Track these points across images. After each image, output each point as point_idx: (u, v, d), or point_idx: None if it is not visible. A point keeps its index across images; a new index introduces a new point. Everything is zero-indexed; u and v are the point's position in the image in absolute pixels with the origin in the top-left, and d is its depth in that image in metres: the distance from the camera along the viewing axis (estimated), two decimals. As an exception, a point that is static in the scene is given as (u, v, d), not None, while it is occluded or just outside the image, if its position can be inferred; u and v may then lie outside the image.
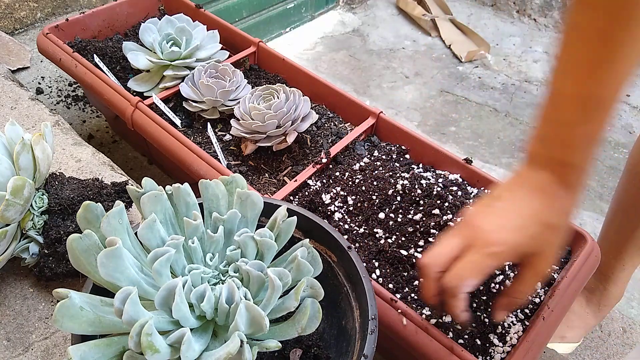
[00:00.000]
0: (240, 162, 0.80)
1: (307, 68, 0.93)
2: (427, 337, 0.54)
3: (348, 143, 0.80)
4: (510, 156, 1.52)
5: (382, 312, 0.56)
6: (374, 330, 0.44)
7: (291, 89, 0.80)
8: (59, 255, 0.57)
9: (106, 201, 0.61)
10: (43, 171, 0.57)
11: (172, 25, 0.92)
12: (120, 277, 0.38)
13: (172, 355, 0.37)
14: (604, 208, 1.38)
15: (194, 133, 0.84)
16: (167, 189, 0.46)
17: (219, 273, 0.43)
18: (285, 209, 0.47)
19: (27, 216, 0.56)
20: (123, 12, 1.05)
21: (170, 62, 0.88)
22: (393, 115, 1.67)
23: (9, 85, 0.90)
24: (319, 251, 0.49)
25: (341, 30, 2.06)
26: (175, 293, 0.37)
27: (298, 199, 0.72)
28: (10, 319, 0.57)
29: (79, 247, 0.41)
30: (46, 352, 0.55)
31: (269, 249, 0.43)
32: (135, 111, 0.80)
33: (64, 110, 1.15)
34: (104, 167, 0.76)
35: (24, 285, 0.61)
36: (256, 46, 0.97)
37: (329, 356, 0.50)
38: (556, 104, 0.45)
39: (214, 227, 0.45)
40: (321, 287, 0.44)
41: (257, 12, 1.80)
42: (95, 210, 0.43)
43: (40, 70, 1.16)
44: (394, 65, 1.89)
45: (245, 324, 0.38)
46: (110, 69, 0.93)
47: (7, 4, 1.18)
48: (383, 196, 0.70)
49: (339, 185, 0.73)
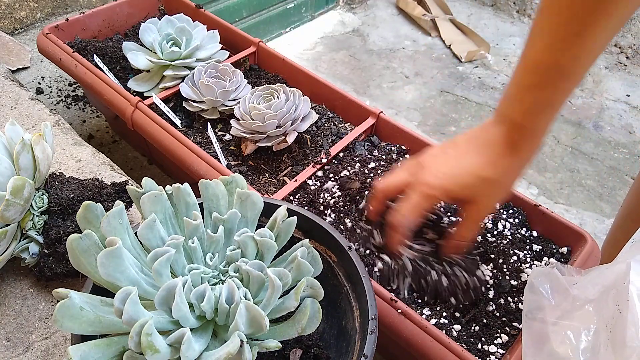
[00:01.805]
0: (240, 162, 0.80)
1: (307, 68, 0.93)
2: (427, 337, 0.54)
3: (348, 143, 0.80)
4: (510, 156, 1.52)
5: (382, 312, 0.56)
6: (374, 330, 0.44)
7: (291, 89, 0.80)
8: (59, 255, 0.57)
9: (106, 201, 0.61)
10: (43, 171, 0.57)
11: (172, 25, 0.92)
12: (120, 277, 0.38)
13: (172, 355, 0.37)
14: (604, 208, 1.38)
15: (194, 133, 0.84)
16: (167, 189, 0.46)
17: (219, 273, 0.43)
18: (285, 209, 0.47)
19: (27, 216, 0.56)
20: (123, 12, 1.05)
21: (170, 62, 0.88)
22: (393, 115, 1.67)
23: (9, 85, 0.90)
24: (319, 251, 0.49)
25: (341, 30, 2.06)
26: (175, 293, 0.37)
27: (298, 199, 0.72)
28: (10, 319, 0.57)
29: (79, 247, 0.40)
30: (46, 352, 0.55)
31: (269, 249, 0.43)
32: (135, 111, 0.80)
33: (64, 110, 1.15)
34: (104, 167, 0.76)
35: (24, 285, 0.60)
36: (256, 46, 0.97)
37: (329, 356, 0.50)
38: (524, 67, 0.47)
39: (214, 227, 0.45)
40: (321, 287, 0.44)
41: (257, 12, 1.80)
42: (95, 210, 0.43)
43: (40, 70, 1.16)
44: (394, 65, 1.89)
45: (245, 324, 0.38)
46: (110, 69, 0.93)
47: (7, 4, 1.18)
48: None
49: (337, 184, 0.73)
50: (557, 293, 0.44)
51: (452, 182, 0.51)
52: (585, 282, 0.43)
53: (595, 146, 1.58)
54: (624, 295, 0.39)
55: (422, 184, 0.52)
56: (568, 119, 1.67)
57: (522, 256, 0.66)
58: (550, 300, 0.44)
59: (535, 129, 0.48)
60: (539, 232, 0.70)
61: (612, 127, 1.66)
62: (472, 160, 0.50)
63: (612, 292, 0.41)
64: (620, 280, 0.40)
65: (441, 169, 0.52)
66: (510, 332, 0.59)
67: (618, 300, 0.40)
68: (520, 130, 0.48)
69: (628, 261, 0.40)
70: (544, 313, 0.44)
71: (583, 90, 1.79)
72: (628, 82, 1.84)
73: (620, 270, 0.41)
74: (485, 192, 0.51)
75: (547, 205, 1.18)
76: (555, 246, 0.69)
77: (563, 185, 1.45)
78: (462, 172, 0.50)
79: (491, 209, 0.53)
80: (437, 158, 0.53)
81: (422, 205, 0.52)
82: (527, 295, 0.46)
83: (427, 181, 0.52)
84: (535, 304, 0.45)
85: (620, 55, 1.94)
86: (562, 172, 1.48)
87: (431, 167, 0.52)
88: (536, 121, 0.48)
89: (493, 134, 0.50)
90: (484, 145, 0.50)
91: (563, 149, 1.56)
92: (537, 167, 1.49)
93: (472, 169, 0.50)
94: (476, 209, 0.53)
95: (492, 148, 0.50)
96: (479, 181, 0.50)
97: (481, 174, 0.50)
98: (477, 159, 0.50)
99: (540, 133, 0.49)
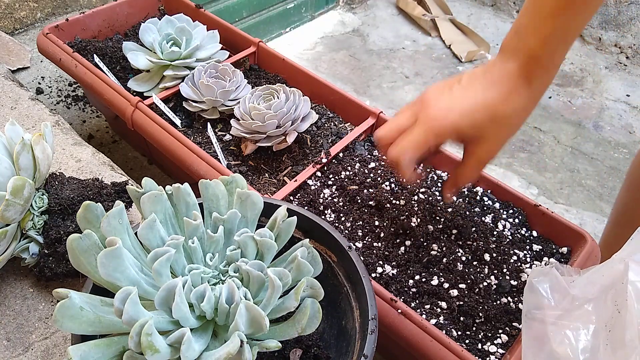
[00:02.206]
0: (240, 162, 0.80)
1: (307, 68, 0.93)
2: (427, 337, 0.54)
3: (348, 143, 0.80)
4: (510, 156, 1.52)
5: (382, 312, 0.56)
6: (374, 330, 0.44)
7: (291, 89, 0.80)
8: (59, 255, 0.57)
9: (106, 201, 0.61)
10: (43, 171, 0.57)
11: (172, 25, 0.92)
12: (120, 277, 0.38)
13: (172, 355, 0.37)
14: (604, 208, 1.38)
15: (194, 133, 0.84)
16: (167, 189, 0.46)
17: (219, 273, 0.43)
18: (285, 209, 0.47)
19: (27, 216, 0.56)
20: (123, 12, 1.05)
21: (170, 62, 0.88)
22: (393, 115, 1.67)
23: (9, 85, 0.90)
24: (319, 251, 0.49)
25: (341, 30, 2.06)
26: (175, 293, 0.37)
27: (298, 199, 0.72)
28: (10, 319, 0.57)
29: (79, 247, 0.41)
30: (46, 352, 0.55)
31: (269, 249, 0.43)
32: (135, 111, 0.80)
33: (64, 110, 1.15)
34: (104, 167, 0.76)
35: (24, 285, 0.61)
36: (256, 46, 0.97)
37: (329, 356, 0.50)
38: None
39: (214, 227, 0.45)
40: (321, 287, 0.44)
41: (257, 12, 1.80)
42: (95, 210, 0.43)
43: (40, 70, 1.16)
44: (394, 65, 1.89)
45: (245, 324, 0.38)
46: (110, 69, 0.93)
47: (7, 4, 1.18)
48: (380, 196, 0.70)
49: (337, 185, 0.73)
50: (557, 293, 0.44)
51: (461, 119, 0.47)
52: (584, 281, 0.43)
53: (595, 146, 1.58)
54: (622, 294, 0.39)
55: (429, 120, 0.48)
56: (568, 119, 1.67)
57: (522, 256, 0.66)
58: (550, 300, 0.44)
59: (551, 60, 0.46)
60: (539, 232, 0.70)
61: (612, 127, 1.65)
62: (483, 96, 0.47)
63: (611, 292, 0.41)
64: (618, 280, 0.40)
65: (448, 105, 0.48)
66: (510, 332, 0.59)
67: (617, 300, 0.40)
68: (536, 61, 0.46)
69: (626, 261, 0.41)
70: (543, 313, 0.44)
71: (583, 90, 1.79)
72: (628, 82, 1.84)
73: (618, 269, 0.41)
74: (496, 130, 0.48)
75: (547, 205, 1.18)
76: (555, 246, 0.69)
77: (563, 185, 1.45)
78: (472, 108, 0.47)
79: (500, 149, 0.50)
80: (443, 95, 0.50)
81: (426, 142, 0.49)
82: (527, 295, 0.46)
83: (434, 117, 0.48)
84: (534, 304, 0.45)
85: (620, 55, 1.94)
86: (562, 172, 1.48)
87: (437, 103, 0.49)
88: (553, 51, 0.46)
89: (504, 69, 0.47)
90: (494, 81, 0.48)
91: (563, 149, 1.56)
92: (537, 167, 1.49)
93: (484, 106, 0.47)
94: (485, 149, 0.50)
95: (503, 83, 0.47)
96: (491, 118, 0.47)
97: (493, 111, 0.47)
98: (488, 94, 0.47)
99: (555, 64, 0.47)
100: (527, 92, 0.47)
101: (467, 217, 0.69)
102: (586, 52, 1.95)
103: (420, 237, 0.66)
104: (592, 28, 1.95)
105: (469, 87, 0.49)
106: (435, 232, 0.67)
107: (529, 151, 1.54)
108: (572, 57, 1.92)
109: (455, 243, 0.67)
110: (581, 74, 1.86)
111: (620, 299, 0.39)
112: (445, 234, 0.67)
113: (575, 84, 1.82)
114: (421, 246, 0.66)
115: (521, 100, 0.47)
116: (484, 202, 0.72)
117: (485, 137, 0.49)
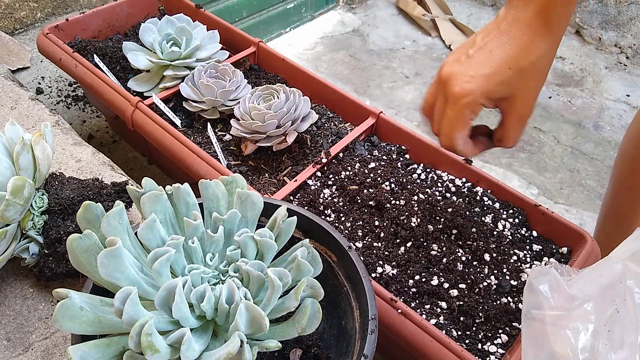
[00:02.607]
0: (240, 162, 0.80)
1: (307, 68, 0.93)
2: (427, 337, 0.54)
3: (348, 143, 0.80)
4: (510, 156, 1.52)
5: (382, 312, 0.56)
6: (374, 330, 0.44)
7: (291, 89, 0.80)
8: (59, 255, 0.57)
9: (106, 201, 0.61)
10: (43, 171, 0.57)
11: (172, 25, 0.92)
12: (120, 277, 0.38)
13: (172, 355, 0.37)
14: (604, 208, 1.38)
15: (194, 133, 0.84)
16: (167, 189, 0.46)
17: (219, 273, 0.43)
18: (285, 209, 0.47)
19: (27, 216, 0.56)
20: (123, 12, 1.05)
21: (170, 62, 0.88)
22: (393, 115, 1.67)
23: (9, 85, 0.90)
24: (319, 251, 0.49)
25: (341, 30, 2.06)
26: (175, 293, 0.37)
27: (298, 199, 0.72)
28: (10, 319, 0.57)
29: (79, 247, 0.41)
30: (46, 352, 0.55)
31: (269, 249, 0.43)
32: (135, 111, 0.80)
33: (64, 110, 1.15)
34: (104, 167, 0.76)
35: (24, 285, 0.61)
36: (256, 46, 0.97)
37: (329, 356, 0.50)
38: None
39: (214, 227, 0.45)
40: (321, 287, 0.44)
41: (257, 12, 1.80)
42: (95, 210, 0.43)
43: (40, 70, 1.16)
44: (394, 65, 1.89)
45: (245, 324, 0.38)
46: (110, 69, 0.93)
47: (7, 4, 1.18)
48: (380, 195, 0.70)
49: (338, 185, 0.73)
50: (556, 292, 0.44)
51: (488, 85, 0.47)
52: (584, 281, 0.43)
53: (595, 146, 1.58)
54: (621, 294, 0.39)
55: (457, 98, 0.48)
56: (568, 119, 1.67)
57: (522, 256, 0.66)
58: (549, 300, 0.44)
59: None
60: (539, 232, 0.70)
61: (612, 127, 1.65)
62: (503, 53, 0.46)
63: (610, 292, 0.41)
64: (617, 280, 0.40)
65: (466, 72, 0.48)
66: (510, 332, 0.59)
67: (616, 300, 0.40)
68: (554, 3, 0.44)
69: (625, 260, 0.41)
70: (543, 313, 0.44)
71: (583, 90, 1.79)
72: (628, 82, 1.84)
73: (617, 269, 0.41)
74: (525, 82, 0.47)
75: (547, 205, 1.18)
76: (555, 246, 0.69)
77: (563, 185, 1.45)
78: (495, 70, 0.46)
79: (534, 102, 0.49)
80: (462, 63, 0.49)
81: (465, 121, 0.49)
82: (527, 295, 0.46)
83: (461, 93, 0.48)
84: (534, 304, 0.45)
85: (620, 55, 1.94)
86: (562, 172, 1.48)
87: (459, 78, 0.48)
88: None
89: (519, 19, 0.46)
90: (510, 34, 0.46)
91: (563, 149, 1.56)
92: (537, 167, 1.49)
93: (506, 62, 0.46)
94: (521, 104, 0.49)
95: (522, 34, 0.46)
96: (517, 73, 0.46)
97: (517, 65, 0.46)
98: (509, 50, 0.46)
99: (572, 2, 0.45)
100: (547, 36, 0.46)
101: (467, 217, 0.69)
102: (586, 52, 1.95)
103: (420, 237, 0.66)
104: (592, 28, 1.95)
105: (485, 48, 0.48)
106: (435, 232, 0.67)
107: (529, 151, 1.54)
108: (572, 57, 1.92)
109: (455, 243, 0.67)
110: (581, 74, 1.86)
111: (620, 298, 0.39)
112: (445, 234, 0.68)
113: (575, 84, 1.82)
114: (421, 246, 0.66)
115: (543, 45, 0.46)
116: (484, 202, 0.72)
117: (517, 93, 0.48)
